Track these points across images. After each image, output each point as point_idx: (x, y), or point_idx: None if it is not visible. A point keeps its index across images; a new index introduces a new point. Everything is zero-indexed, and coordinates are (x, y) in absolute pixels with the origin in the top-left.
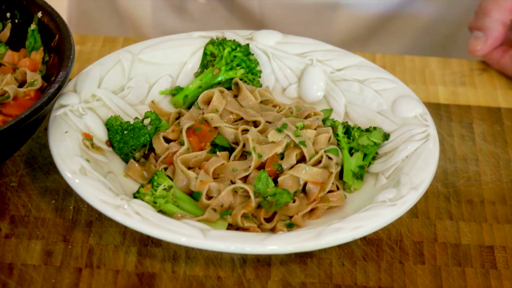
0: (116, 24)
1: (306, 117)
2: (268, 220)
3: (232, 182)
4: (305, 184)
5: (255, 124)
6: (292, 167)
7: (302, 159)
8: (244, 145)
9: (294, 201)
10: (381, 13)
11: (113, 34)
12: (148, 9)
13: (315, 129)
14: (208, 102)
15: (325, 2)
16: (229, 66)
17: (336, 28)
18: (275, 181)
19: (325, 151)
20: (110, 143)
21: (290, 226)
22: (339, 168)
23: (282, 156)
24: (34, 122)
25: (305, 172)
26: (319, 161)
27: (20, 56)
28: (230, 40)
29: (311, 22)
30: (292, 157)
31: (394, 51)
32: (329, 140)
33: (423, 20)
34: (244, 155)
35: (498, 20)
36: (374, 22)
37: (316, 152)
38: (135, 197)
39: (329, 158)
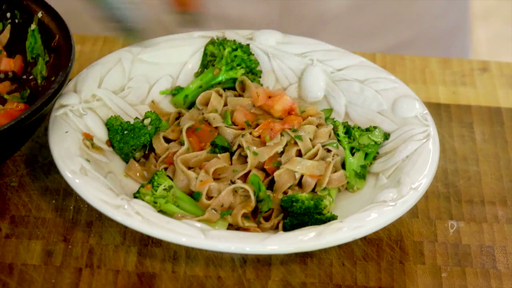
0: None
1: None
2: (267, 218)
3: (232, 182)
4: (301, 177)
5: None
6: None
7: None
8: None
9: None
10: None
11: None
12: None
13: (316, 126)
14: (206, 103)
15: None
16: (229, 66)
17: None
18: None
19: (323, 145)
20: (110, 143)
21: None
22: (338, 158)
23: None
24: (34, 122)
25: (301, 165)
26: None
27: (16, 63)
28: (231, 40)
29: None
30: (291, 153)
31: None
32: (329, 136)
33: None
34: (243, 156)
35: None
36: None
37: (313, 146)
38: (135, 197)
39: (328, 151)
